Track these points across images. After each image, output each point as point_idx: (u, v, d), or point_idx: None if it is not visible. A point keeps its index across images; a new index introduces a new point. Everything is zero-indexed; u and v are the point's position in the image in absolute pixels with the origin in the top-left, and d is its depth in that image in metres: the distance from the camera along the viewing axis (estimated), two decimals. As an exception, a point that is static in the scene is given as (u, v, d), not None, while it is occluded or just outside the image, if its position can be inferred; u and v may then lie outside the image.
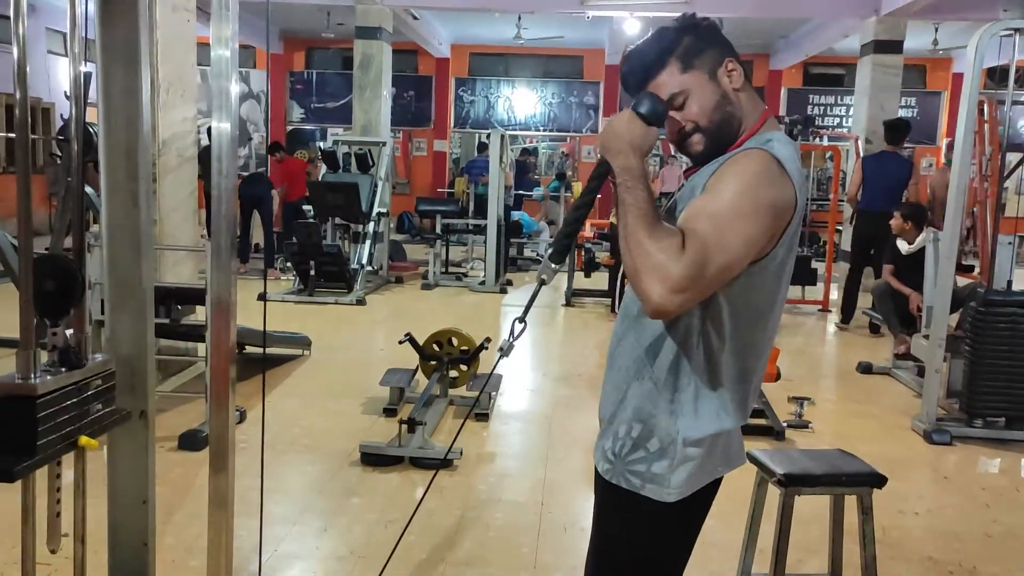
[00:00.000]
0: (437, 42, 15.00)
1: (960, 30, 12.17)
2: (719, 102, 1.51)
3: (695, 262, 1.33)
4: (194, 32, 5.48)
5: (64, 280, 1.70)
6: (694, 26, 1.54)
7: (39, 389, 1.60)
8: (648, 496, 1.52)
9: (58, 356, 1.71)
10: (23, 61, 1.58)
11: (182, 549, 3.03)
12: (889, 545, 3.28)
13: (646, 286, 1.34)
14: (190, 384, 5.01)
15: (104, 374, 1.80)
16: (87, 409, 1.74)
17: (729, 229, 1.35)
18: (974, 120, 4.61)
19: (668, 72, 1.51)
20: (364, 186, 9.26)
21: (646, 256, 1.35)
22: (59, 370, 1.69)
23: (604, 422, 1.64)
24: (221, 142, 1.74)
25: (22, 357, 1.60)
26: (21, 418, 1.57)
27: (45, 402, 1.61)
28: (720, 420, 1.52)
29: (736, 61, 1.52)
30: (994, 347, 4.58)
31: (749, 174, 1.40)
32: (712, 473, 1.56)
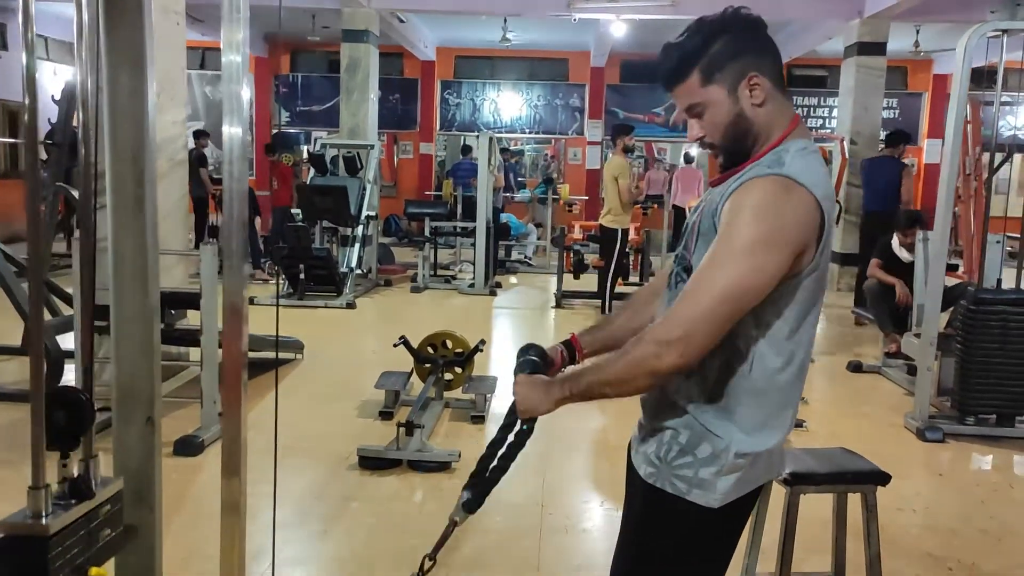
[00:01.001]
0: (423, 45, 14.98)
1: (941, 32, 12.30)
2: (734, 119, 1.51)
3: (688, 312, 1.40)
4: (183, 35, 5.46)
5: (74, 412, 1.68)
6: (729, 29, 1.50)
7: (51, 528, 1.57)
8: (694, 501, 1.52)
9: (68, 488, 1.68)
10: (32, 67, 1.56)
11: (184, 554, 3.01)
12: (888, 542, 3.29)
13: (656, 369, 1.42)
14: (184, 389, 4.98)
15: (113, 498, 1.77)
16: (96, 537, 1.72)
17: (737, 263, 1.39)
18: (963, 120, 4.66)
19: (690, 81, 1.52)
20: (352, 189, 9.24)
21: (638, 364, 1.44)
22: (70, 502, 1.66)
23: (646, 427, 1.63)
24: (232, 146, 1.73)
25: (33, 496, 1.58)
26: (33, 558, 1.55)
27: (56, 540, 1.59)
28: (774, 435, 1.53)
29: (762, 74, 1.49)
30: (985, 345, 4.62)
31: (754, 207, 1.41)
32: (757, 480, 1.56)
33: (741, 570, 2.76)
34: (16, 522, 1.56)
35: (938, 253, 4.73)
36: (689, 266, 1.52)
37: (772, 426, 1.53)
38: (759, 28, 1.53)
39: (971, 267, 6.19)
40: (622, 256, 8.03)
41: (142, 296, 1.90)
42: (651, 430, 1.61)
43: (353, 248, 9.06)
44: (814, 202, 1.42)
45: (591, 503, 3.77)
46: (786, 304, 1.47)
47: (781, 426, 1.55)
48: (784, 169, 1.43)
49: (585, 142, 16.30)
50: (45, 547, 1.54)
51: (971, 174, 6.16)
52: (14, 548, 1.51)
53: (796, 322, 1.50)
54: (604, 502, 3.75)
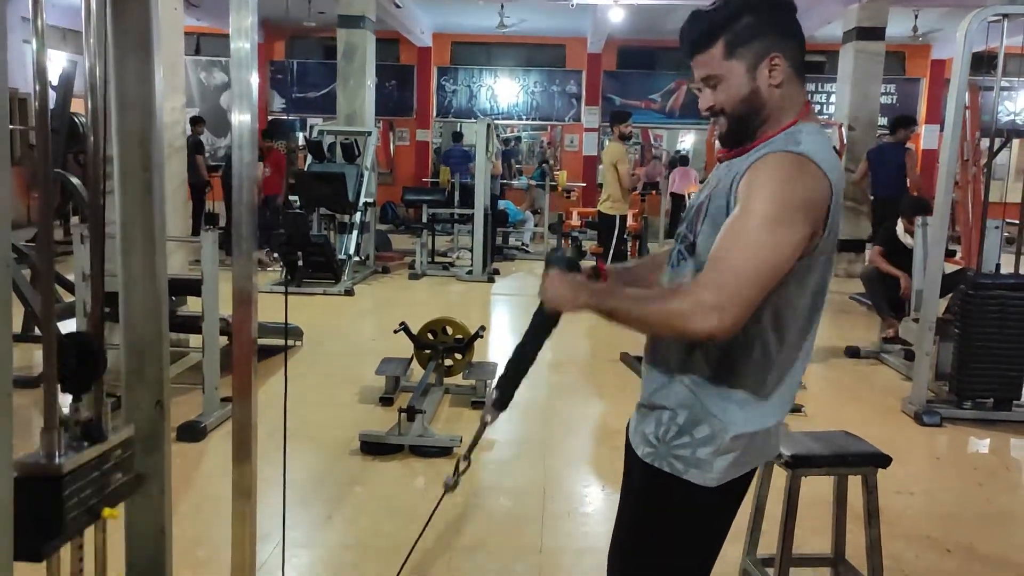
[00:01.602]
0: (419, 31, 14.93)
1: (939, 16, 12.29)
2: (748, 96, 1.52)
3: (726, 281, 1.37)
4: (181, 21, 5.44)
5: (86, 357, 1.69)
6: (760, 6, 1.51)
7: (64, 468, 1.58)
8: (690, 480, 1.54)
9: (80, 430, 1.69)
10: (42, 55, 1.56)
11: (190, 540, 3.03)
12: (887, 524, 3.31)
13: (690, 330, 1.40)
14: (185, 375, 4.99)
15: (124, 442, 1.78)
16: (108, 480, 1.73)
17: (759, 240, 1.38)
18: (963, 105, 4.67)
19: (712, 52, 1.52)
20: (350, 176, 9.22)
21: (668, 314, 1.42)
22: (82, 445, 1.67)
23: (645, 407, 1.65)
24: (242, 133, 1.73)
25: (46, 437, 1.59)
26: (47, 498, 1.56)
27: (70, 479, 1.60)
28: (772, 415, 1.55)
29: (784, 56, 1.50)
30: (983, 330, 4.65)
31: (774, 182, 1.41)
32: (754, 461, 1.58)
33: (743, 551, 2.80)
34: (30, 462, 1.57)
35: (937, 239, 4.75)
36: (692, 245, 1.53)
37: (770, 407, 1.55)
38: (789, 10, 1.54)
39: (969, 253, 6.21)
40: (620, 242, 8.05)
41: (151, 282, 1.90)
42: (649, 410, 1.62)
43: (351, 235, 9.05)
44: (827, 184, 1.44)
45: (592, 487, 3.80)
46: (792, 284, 1.47)
47: (779, 407, 1.57)
48: (801, 148, 1.44)
49: (582, 129, 16.28)
50: (59, 486, 1.56)
51: (969, 160, 6.17)
52: (28, 487, 1.50)
53: (801, 304, 1.51)
54: (606, 486, 3.78)
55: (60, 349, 1.63)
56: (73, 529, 1.62)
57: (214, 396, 4.31)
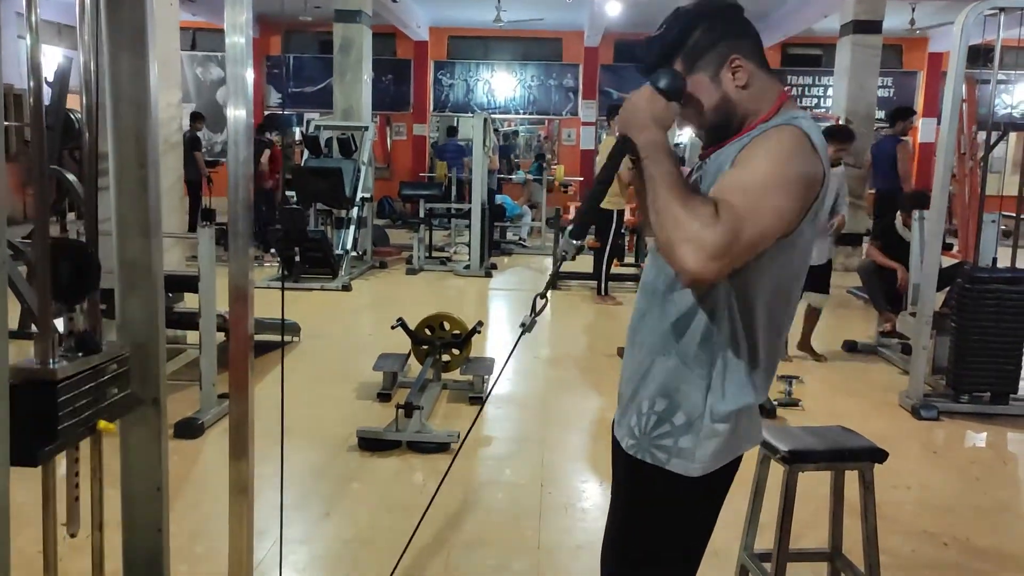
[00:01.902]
0: (416, 25, 14.89)
1: (936, 10, 12.28)
2: (717, 104, 1.52)
3: (729, 230, 1.34)
4: (177, 17, 5.43)
5: (80, 264, 1.69)
6: (705, 17, 1.52)
7: (59, 374, 1.59)
8: (673, 471, 1.54)
9: (75, 341, 1.70)
10: (36, 52, 1.56)
11: (187, 536, 3.03)
12: (884, 519, 3.33)
13: (681, 254, 1.35)
14: (182, 372, 4.99)
15: (119, 358, 1.79)
16: (104, 393, 1.74)
17: (762, 200, 1.37)
18: (960, 99, 4.66)
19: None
20: (347, 171, 9.21)
21: (680, 225, 1.35)
22: (76, 355, 1.68)
23: (625, 398, 1.65)
24: (237, 128, 1.73)
25: (40, 342, 1.59)
26: (42, 403, 1.57)
27: (65, 386, 1.60)
28: (746, 395, 1.54)
29: (743, 57, 1.50)
30: (980, 323, 4.66)
31: (780, 148, 1.41)
32: (737, 449, 1.58)
33: (740, 547, 2.80)
34: (25, 367, 1.57)
35: (934, 232, 4.75)
36: None
37: (747, 387, 1.54)
38: (735, 12, 1.54)
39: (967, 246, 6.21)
40: (617, 237, 8.03)
41: (147, 277, 1.90)
42: (630, 402, 1.63)
43: (348, 230, 9.04)
44: (822, 167, 1.45)
45: (590, 482, 3.80)
46: (768, 264, 1.47)
47: (757, 388, 1.56)
48: (802, 125, 1.45)
49: (579, 122, 16.27)
50: (54, 392, 1.56)
51: (966, 153, 6.17)
52: (24, 393, 1.51)
53: (774, 284, 1.51)
54: (603, 481, 3.78)
55: (52, 257, 1.62)
56: (68, 438, 1.63)
57: (211, 393, 4.31)
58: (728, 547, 2.85)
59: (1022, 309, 4.67)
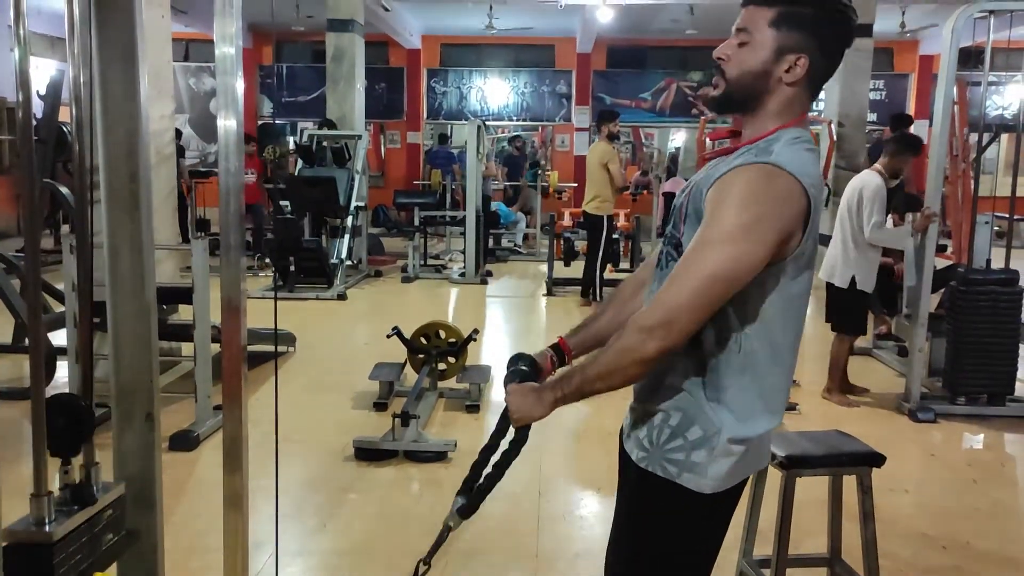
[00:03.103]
0: (408, 33, 14.91)
1: (927, 12, 12.32)
2: (758, 74, 1.50)
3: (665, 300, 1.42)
4: (169, 28, 5.42)
5: (75, 419, 1.67)
6: (825, 7, 1.49)
7: (55, 535, 1.57)
8: (684, 485, 1.53)
9: (70, 494, 1.68)
10: (25, 65, 1.55)
11: (183, 549, 3.01)
12: (883, 523, 3.31)
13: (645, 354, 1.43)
14: (177, 384, 4.97)
15: (115, 503, 1.77)
16: (100, 542, 1.72)
17: (711, 255, 1.40)
18: (951, 101, 4.68)
19: (763, 11, 1.50)
20: (341, 180, 9.20)
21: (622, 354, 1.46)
22: (72, 508, 1.66)
23: (637, 411, 1.64)
24: (228, 140, 1.72)
25: (35, 504, 1.58)
26: (37, 565, 1.56)
27: (60, 546, 1.59)
28: (765, 419, 1.54)
29: (812, 62, 1.49)
30: (975, 325, 4.66)
31: (736, 196, 1.42)
32: (747, 471, 1.57)
33: (739, 553, 2.79)
34: (20, 530, 1.56)
35: (928, 234, 4.75)
36: (679, 243, 1.53)
37: (763, 410, 1.54)
38: (849, 28, 1.52)
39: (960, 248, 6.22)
40: (609, 243, 8.05)
41: (139, 291, 1.89)
42: (642, 414, 1.62)
43: (343, 239, 9.03)
44: (800, 189, 1.43)
45: (588, 490, 3.79)
46: (773, 288, 1.48)
47: (773, 411, 1.56)
48: (771, 158, 1.44)
49: (573, 128, 16.29)
50: (50, 554, 1.55)
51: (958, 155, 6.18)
52: (19, 556, 1.51)
53: (784, 306, 1.51)
54: (601, 489, 3.77)
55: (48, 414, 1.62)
56: None
57: (207, 405, 4.29)
58: (727, 554, 2.82)
59: (1017, 310, 4.68)
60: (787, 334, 1.54)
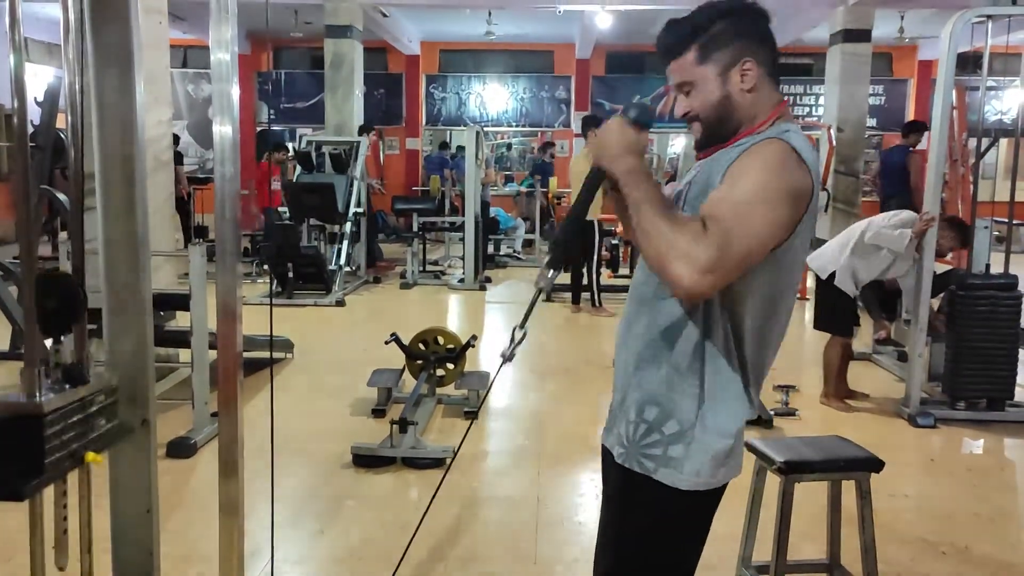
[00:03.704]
0: (407, 39, 14.92)
1: (926, 18, 12.34)
2: (720, 101, 1.54)
3: (719, 244, 1.36)
4: (166, 34, 5.42)
5: (65, 297, 1.67)
6: (734, 13, 1.53)
7: (45, 407, 1.56)
8: (661, 480, 1.53)
9: (62, 373, 1.68)
10: (20, 69, 1.55)
11: (180, 557, 3.00)
12: (882, 528, 3.30)
13: (674, 271, 1.37)
14: (174, 391, 4.96)
15: (107, 389, 1.77)
16: (92, 424, 1.72)
17: (751, 214, 1.38)
18: (949, 106, 4.68)
19: (685, 58, 1.54)
20: (339, 186, 9.20)
21: (670, 243, 1.37)
22: (63, 387, 1.66)
23: (615, 406, 1.65)
24: (224, 146, 1.72)
25: (27, 375, 1.57)
26: (28, 437, 1.54)
27: (52, 420, 1.58)
28: (741, 412, 1.54)
29: (756, 62, 1.52)
30: (974, 330, 4.66)
31: (769, 162, 1.42)
32: (725, 475, 1.56)
33: (738, 558, 2.78)
34: (11, 401, 1.55)
35: (927, 239, 4.75)
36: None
37: (738, 404, 1.53)
38: (761, 17, 1.56)
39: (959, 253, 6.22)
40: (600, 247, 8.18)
41: (135, 298, 1.88)
42: (620, 410, 1.63)
43: (341, 245, 9.02)
44: (811, 182, 1.45)
45: (586, 495, 3.78)
46: (761, 278, 1.48)
47: (748, 404, 1.55)
48: (792, 142, 1.46)
49: (572, 134, 16.28)
50: (40, 425, 1.53)
51: (958, 160, 6.20)
52: (9, 426, 1.49)
53: (769, 298, 1.52)
54: (599, 495, 3.74)
55: (39, 289, 1.61)
56: (56, 471, 1.60)
57: (204, 411, 4.28)
58: (726, 559, 2.83)
59: (1016, 315, 4.67)
60: (768, 327, 1.55)
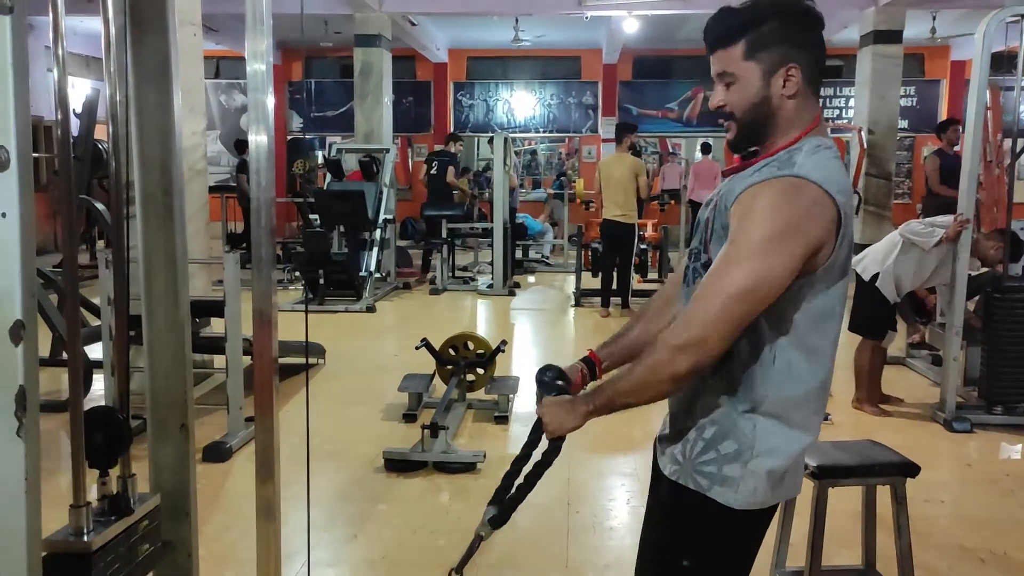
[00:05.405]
0: (435, 47, 15.02)
1: (958, 18, 12.18)
2: (759, 103, 1.52)
3: (694, 317, 1.42)
4: (200, 46, 5.50)
5: (112, 431, 1.71)
6: (788, 14, 1.51)
7: (93, 545, 1.60)
8: (714, 499, 1.52)
9: (108, 505, 1.72)
10: (64, 84, 1.59)
11: (217, 559, 3.05)
12: (918, 534, 3.26)
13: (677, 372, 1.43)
14: (209, 396, 5.03)
15: (151, 513, 1.80)
16: (136, 552, 1.75)
17: (738, 271, 1.40)
18: (984, 106, 4.62)
19: (733, 50, 1.51)
20: (369, 193, 9.28)
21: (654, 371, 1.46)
22: (109, 519, 1.70)
23: (672, 426, 1.63)
24: (259, 155, 1.75)
25: (74, 514, 1.61)
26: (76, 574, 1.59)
27: (99, 556, 1.62)
28: (800, 433, 1.52)
29: (801, 68, 1.50)
30: (1011, 333, 4.59)
31: (760, 211, 1.41)
32: (780, 495, 1.55)
33: (771, 565, 2.76)
34: (59, 540, 1.59)
35: (962, 241, 4.69)
36: (708, 261, 1.52)
37: (798, 426, 1.52)
38: (815, 23, 1.53)
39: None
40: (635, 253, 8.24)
41: (173, 305, 1.92)
42: (678, 429, 1.61)
43: (371, 252, 9.10)
44: (827, 198, 1.42)
45: (617, 500, 3.78)
46: (806, 299, 1.47)
47: (807, 425, 1.54)
48: (795, 169, 1.43)
49: (599, 139, 16.28)
50: (88, 564, 1.58)
51: (992, 161, 6.11)
52: (58, 566, 1.54)
53: (818, 318, 1.50)
54: (631, 499, 3.75)
55: (86, 426, 1.65)
56: None
57: (239, 416, 4.34)
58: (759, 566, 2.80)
59: (1054, 318, 4.59)
60: (822, 346, 1.52)
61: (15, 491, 1.24)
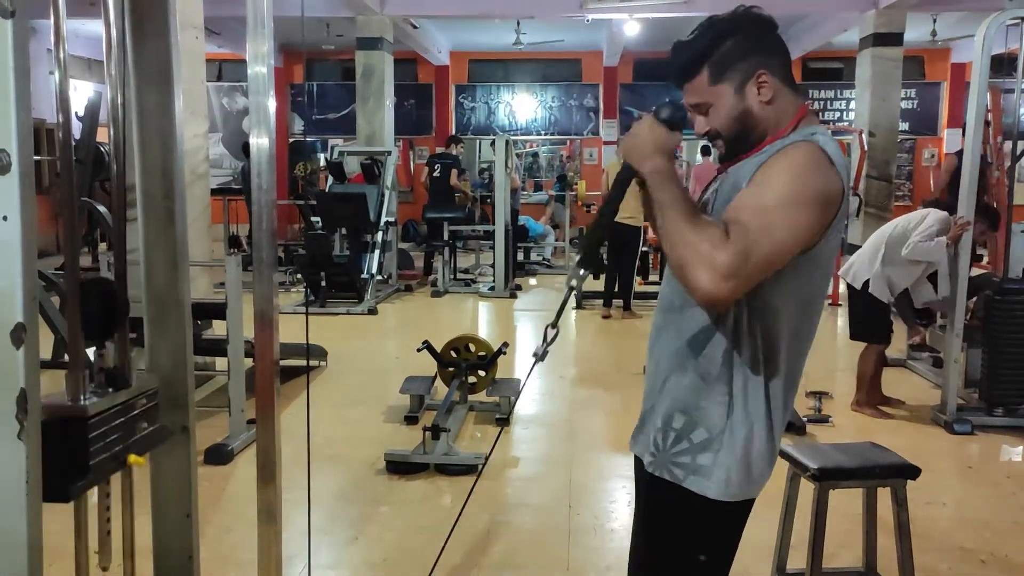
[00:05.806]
0: (436, 50, 15.03)
1: (958, 20, 12.20)
2: (739, 116, 1.53)
3: (740, 250, 1.35)
4: (202, 49, 5.52)
5: (108, 303, 1.71)
6: (740, 28, 1.52)
7: (90, 410, 1.61)
8: (690, 488, 1.53)
9: (105, 377, 1.72)
10: (65, 87, 1.60)
11: (218, 562, 3.05)
12: (919, 536, 3.26)
13: (694, 276, 1.37)
14: (211, 398, 5.04)
15: (148, 393, 1.81)
16: (134, 428, 1.76)
17: (775, 218, 1.38)
18: (984, 108, 4.62)
19: (698, 80, 1.54)
20: (371, 196, 9.29)
21: (691, 247, 1.37)
22: (106, 391, 1.71)
23: (644, 415, 1.65)
24: (260, 158, 1.76)
25: (71, 379, 1.62)
26: (74, 439, 1.59)
27: (96, 423, 1.62)
28: (769, 420, 1.53)
29: (771, 72, 1.51)
30: (1012, 335, 4.59)
31: (796, 165, 1.42)
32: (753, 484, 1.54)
33: (772, 566, 2.77)
34: (56, 403, 1.59)
35: (963, 243, 4.69)
36: None
37: (767, 411, 1.52)
38: (769, 27, 1.55)
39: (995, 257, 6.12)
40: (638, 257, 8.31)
41: (174, 307, 1.93)
42: (648, 418, 1.63)
43: (373, 254, 9.11)
44: (841, 184, 1.44)
45: (618, 502, 3.78)
46: (789, 283, 1.47)
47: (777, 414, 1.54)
48: (821, 144, 1.45)
49: (600, 142, 16.29)
50: (85, 428, 1.57)
51: (993, 163, 6.10)
52: (54, 430, 1.52)
53: (797, 303, 1.51)
54: (631, 501, 3.74)
55: (82, 296, 1.65)
56: (100, 473, 1.65)
57: (240, 419, 4.34)
58: (760, 567, 2.82)
59: (1055, 320, 4.59)
60: (800, 328, 1.54)
61: (16, 494, 1.24)
